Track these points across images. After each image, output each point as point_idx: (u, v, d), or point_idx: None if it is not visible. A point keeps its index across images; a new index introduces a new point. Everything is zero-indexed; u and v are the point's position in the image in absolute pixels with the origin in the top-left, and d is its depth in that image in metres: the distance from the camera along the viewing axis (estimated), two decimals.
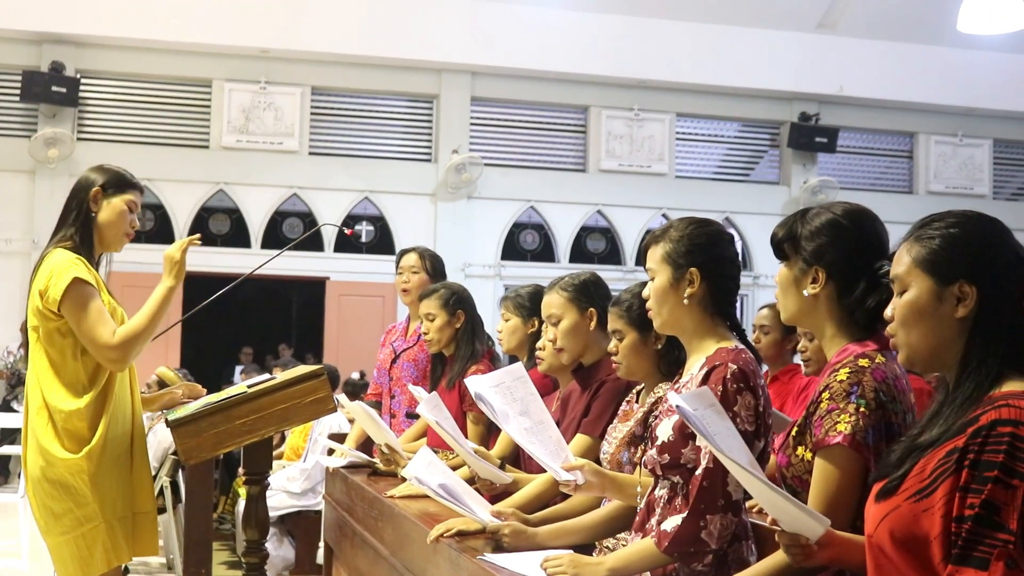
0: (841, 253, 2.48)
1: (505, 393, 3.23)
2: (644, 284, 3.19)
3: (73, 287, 3.84)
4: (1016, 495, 1.84)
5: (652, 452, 2.79)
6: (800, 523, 2.16)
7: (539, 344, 4.10)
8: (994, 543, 1.83)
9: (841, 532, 2.22)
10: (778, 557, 2.31)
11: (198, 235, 4.28)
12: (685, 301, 2.81)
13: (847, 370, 2.37)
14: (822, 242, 2.50)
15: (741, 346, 2.80)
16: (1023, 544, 1.83)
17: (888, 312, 2.17)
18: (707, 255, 2.84)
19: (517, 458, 4.23)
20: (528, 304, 4.45)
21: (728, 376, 2.66)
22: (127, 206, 4.12)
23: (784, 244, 2.56)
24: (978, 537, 1.85)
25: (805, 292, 2.51)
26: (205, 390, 4.60)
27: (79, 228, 4.04)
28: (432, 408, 3.82)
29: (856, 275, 2.46)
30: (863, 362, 2.37)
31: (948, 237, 2.08)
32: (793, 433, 2.44)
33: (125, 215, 4.12)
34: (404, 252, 5.74)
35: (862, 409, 2.31)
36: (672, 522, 2.64)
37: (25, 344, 4.13)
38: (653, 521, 2.77)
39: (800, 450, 2.41)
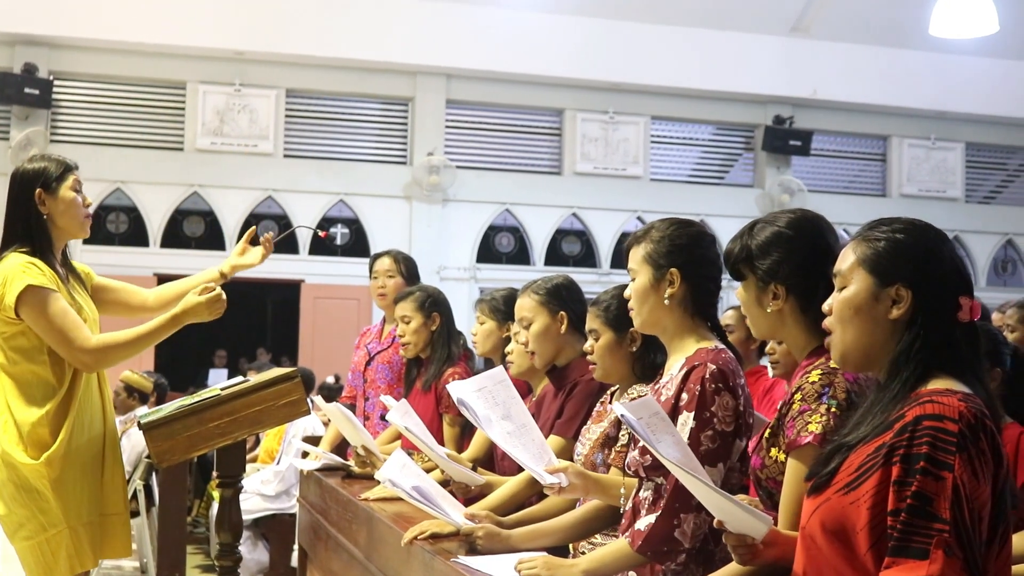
0: (793, 266, 2.51)
1: (487, 397, 3.23)
2: (623, 286, 3.20)
3: (27, 294, 3.74)
4: (946, 485, 1.91)
5: (635, 454, 2.80)
6: (745, 523, 2.21)
7: (508, 348, 4.12)
8: (930, 532, 1.90)
9: (786, 531, 2.28)
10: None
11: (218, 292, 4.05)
12: (666, 301, 2.83)
13: (819, 371, 2.39)
14: (775, 259, 2.52)
15: (721, 346, 2.81)
16: (956, 532, 1.90)
17: (826, 306, 2.25)
18: (687, 256, 2.85)
19: (490, 460, 4.23)
20: (503, 308, 4.46)
21: (707, 376, 2.67)
22: (73, 190, 4.00)
23: (739, 264, 2.58)
24: (914, 528, 1.92)
25: (768, 309, 2.52)
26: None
27: (33, 232, 3.93)
28: (402, 415, 3.82)
29: (813, 283, 2.48)
30: (834, 363, 2.39)
31: (893, 241, 2.16)
32: (766, 435, 2.46)
33: (75, 200, 4.00)
34: (377, 256, 5.73)
35: (833, 409, 2.33)
36: (645, 521, 2.65)
37: None
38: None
39: (774, 451, 2.43)
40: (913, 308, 2.12)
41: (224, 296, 4.06)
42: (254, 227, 4.52)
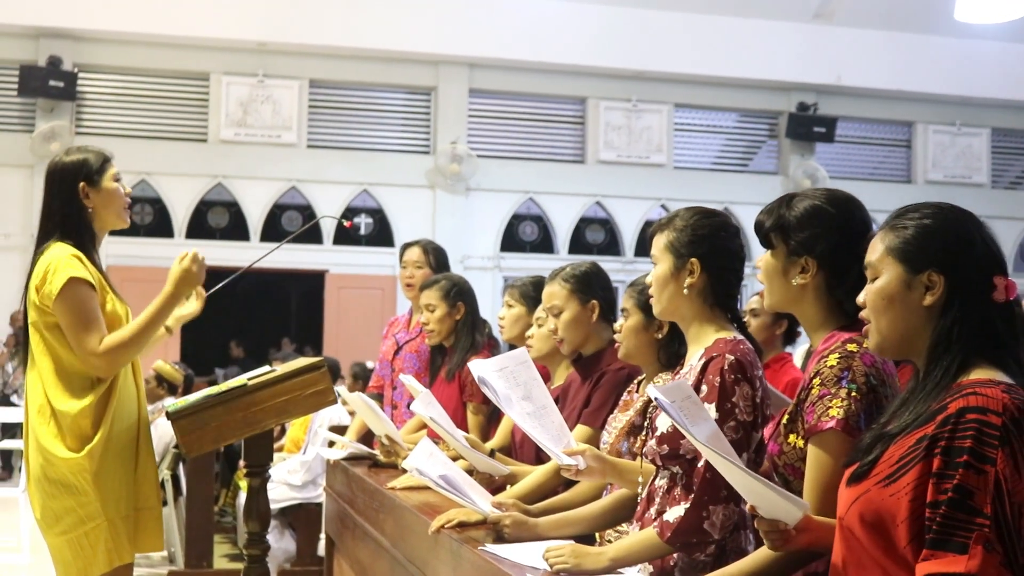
0: (831, 242, 2.48)
1: (508, 377, 3.24)
2: None
3: (69, 286, 3.73)
4: (988, 480, 1.88)
5: (652, 443, 2.79)
6: (780, 508, 2.18)
7: (528, 333, 4.11)
8: (971, 527, 1.88)
9: (819, 517, 2.25)
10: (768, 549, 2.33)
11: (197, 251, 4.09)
12: (685, 291, 2.81)
13: (836, 355, 2.37)
14: (812, 232, 2.49)
15: (740, 337, 2.80)
16: (997, 527, 1.87)
17: (861, 298, 2.22)
18: (709, 246, 2.83)
19: (510, 449, 4.23)
20: (534, 294, 4.44)
21: (725, 367, 2.66)
22: (113, 180, 3.96)
23: (770, 233, 2.56)
24: (954, 522, 1.89)
25: (794, 282, 2.51)
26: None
27: (76, 223, 3.90)
28: (426, 405, 3.83)
29: (847, 264, 2.45)
30: (852, 347, 2.37)
31: (921, 227, 2.13)
32: (784, 421, 2.44)
33: (117, 191, 3.97)
34: (407, 246, 5.70)
35: (853, 393, 2.31)
36: (675, 512, 2.65)
37: (22, 339, 4.02)
38: (652, 511, 2.77)
39: (792, 438, 2.42)
40: (947, 293, 2.08)
41: (200, 256, 4.04)
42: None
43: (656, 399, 2.27)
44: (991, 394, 1.95)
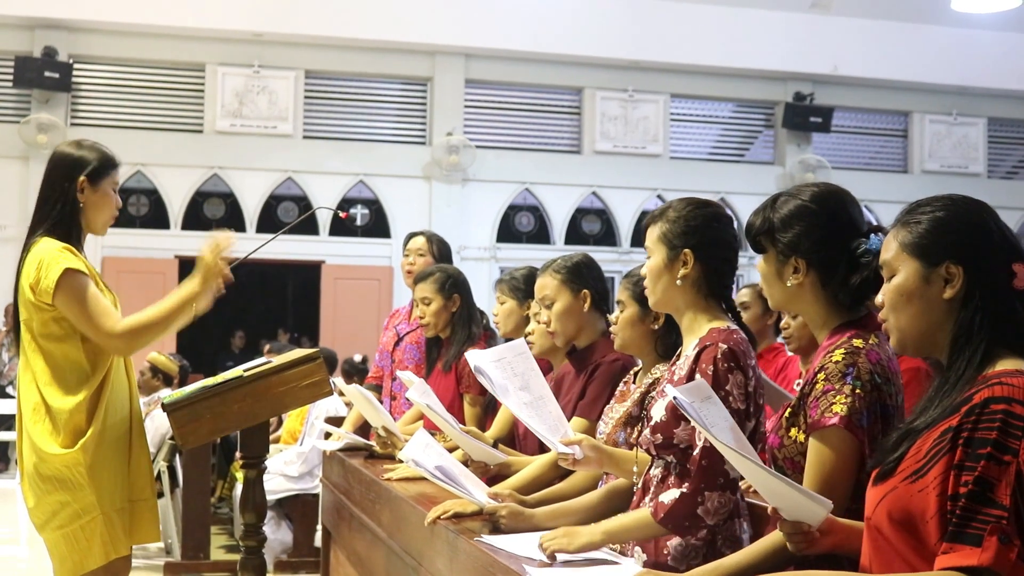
0: (816, 240, 2.48)
1: (505, 367, 3.25)
2: None
3: (65, 278, 3.72)
4: (1008, 471, 1.84)
5: (647, 432, 2.81)
6: (802, 508, 2.15)
7: (528, 329, 4.10)
8: (987, 519, 1.84)
9: (843, 519, 2.21)
10: (773, 539, 2.32)
11: (230, 235, 4.11)
12: (679, 282, 2.82)
13: (842, 351, 2.37)
14: (796, 232, 2.49)
15: (734, 327, 2.80)
16: (1016, 519, 1.83)
17: (879, 299, 2.18)
18: (702, 237, 2.84)
19: (512, 440, 4.22)
20: (523, 287, 4.44)
21: (719, 356, 2.67)
22: (112, 188, 3.97)
23: (760, 237, 2.56)
24: (971, 514, 1.85)
25: (788, 283, 2.51)
26: None
27: (66, 216, 3.88)
28: (421, 393, 3.83)
29: (835, 258, 2.45)
30: (857, 342, 2.37)
31: (934, 220, 2.09)
32: (786, 415, 2.44)
33: (111, 199, 3.97)
34: (412, 235, 5.73)
35: (858, 391, 2.31)
36: (671, 495, 2.65)
37: (14, 332, 4.00)
38: (648, 500, 2.78)
39: (793, 432, 2.42)
40: (967, 284, 2.04)
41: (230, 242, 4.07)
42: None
43: (675, 399, 2.26)
44: (1018, 383, 1.91)
